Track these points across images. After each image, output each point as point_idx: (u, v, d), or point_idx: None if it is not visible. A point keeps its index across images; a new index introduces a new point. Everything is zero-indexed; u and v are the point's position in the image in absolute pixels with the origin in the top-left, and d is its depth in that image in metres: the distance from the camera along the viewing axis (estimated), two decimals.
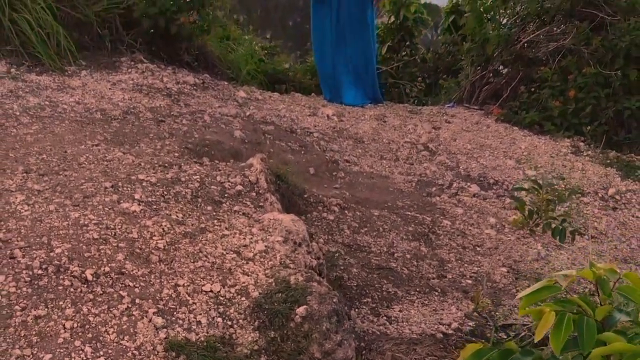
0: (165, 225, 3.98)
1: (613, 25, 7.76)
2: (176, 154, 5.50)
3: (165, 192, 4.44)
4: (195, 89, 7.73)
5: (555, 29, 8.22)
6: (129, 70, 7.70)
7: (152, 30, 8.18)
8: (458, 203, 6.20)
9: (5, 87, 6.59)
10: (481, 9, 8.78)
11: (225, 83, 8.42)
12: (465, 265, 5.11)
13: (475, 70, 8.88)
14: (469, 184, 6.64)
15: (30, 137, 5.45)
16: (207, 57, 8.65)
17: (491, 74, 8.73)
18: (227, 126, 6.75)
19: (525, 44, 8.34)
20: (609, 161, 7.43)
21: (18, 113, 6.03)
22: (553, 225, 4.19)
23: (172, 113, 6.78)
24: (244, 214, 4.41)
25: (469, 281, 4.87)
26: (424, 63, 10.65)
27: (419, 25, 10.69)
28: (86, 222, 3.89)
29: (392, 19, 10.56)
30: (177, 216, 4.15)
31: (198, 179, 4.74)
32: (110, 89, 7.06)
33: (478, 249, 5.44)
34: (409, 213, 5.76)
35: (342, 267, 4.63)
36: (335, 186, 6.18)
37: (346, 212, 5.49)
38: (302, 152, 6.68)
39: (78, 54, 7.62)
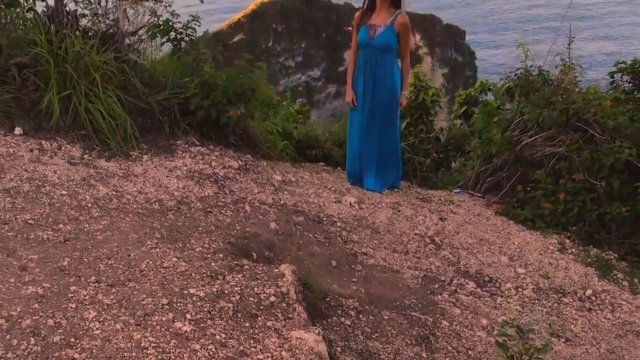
0: (211, 349, 4.35)
1: (601, 143, 8.07)
2: (221, 255, 5.86)
3: (211, 308, 4.82)
4: (238, 173, 8.09)
5: (552, 135, 8.52)
6: (184, 154, 8.08)
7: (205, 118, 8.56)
8: (456, 302, 6.52)
9: (79, 174, 7.00)
10: (490, 112, 9.15)
11: (264, 164, 8.76)
12: None
13: (480, 163, 9.23)
14: (467, 280, 6.95)
15: (100, 235, 5.85)
16: (249, 137, 9.00)
17: (494, 168, 9.07)
18: (264, 217, 7.12)
19: (525, 146, 8.66)
20: (589, 260, 7.72)
21: (90, 205, 6.43)
22: None
23: (218, 203, 7.15)
24: (275, 330, 4.78)
25: None
26: (438, 141, 11.00)
27: (435, 107, 11.07)
28: (146, 345, 4.27)
29: (413, 98, 10.89)
30: (220, 337, 4.52)
31: (239, 291, 5.12)
32: (167, 176, 7.45)
33: (470, 352, 5.77)
34: (414, 314, 6.10)
35: None
36: (353, 280, 6.52)
37: (361, 316, 5.83)
38: (327, 244, 7.02)
39: (141, 138, 8.01)
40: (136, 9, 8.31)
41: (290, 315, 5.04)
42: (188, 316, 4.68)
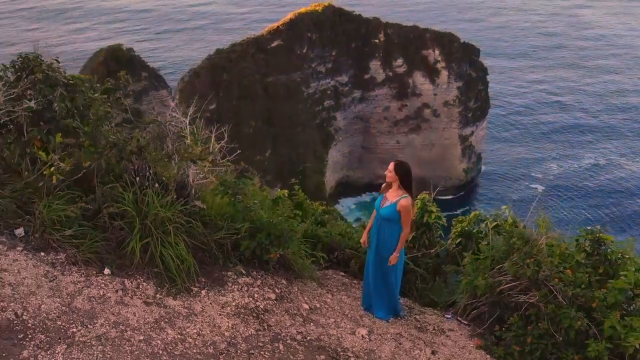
0: None
1: (562, 306, 9.02)
2: None
3: None
4: (275, 304, 9.12)
5: (525, 287, 9.47)
6: (233, 286, 9.12)
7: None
8: None
9: (152, 315, 8.07)
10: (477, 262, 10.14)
11: (296, 289, 9.79)
12: None
13: (468, 297, 10.20)
14: None
15: None
16: (286, 262, 10.02)
17: (478, 303, 10.05)
18: (294, 356, 8.18)
19: (503, 290, 9.62)
20: None
21: (161, 351, 7.51)
22: None
23: (258, 343, 8.20)
24: None
25: None
26: (437, 257, 11.91)
27: (437, 225, 11.98)
28: None
29: (419, 217, 11.82)
30: None
31: None
32: (219, 314, 8.50)
33: None
34: None
35: None
36: None
37: None
38: None
39: (200, 270, 9.08)
40: (203, 169, 9.36)
41: None
42: None
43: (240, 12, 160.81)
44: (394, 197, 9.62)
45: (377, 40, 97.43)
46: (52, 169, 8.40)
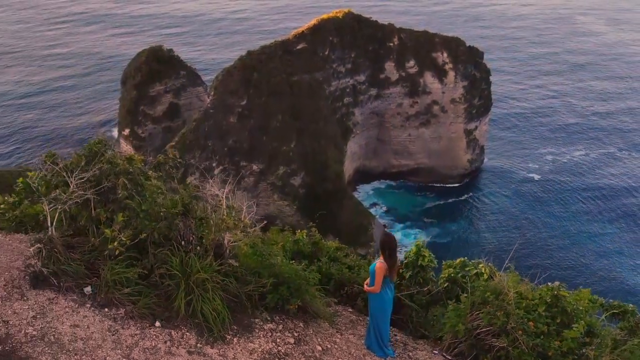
0: None
1: (524, 353, 9.96)
2: None
3: None
4: (294, 347, 10.08)
5: (497, 332, 10.41)
6: (259, 332, 10.09)
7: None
8: None
9: None
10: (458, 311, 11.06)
11: (311, 331, 10.73)
12: None
13: (451, 337, 11.12)
14: None
15: None
16: (306, 308, 10.96)
17: (459, 341, 10.99)
18: None
19: (479, 335, 10.56)
20: None
21: None
22: None
23: None
24: None
25: None
26: (430, 295, 12.77)
27: (430, 267, 12.84)
28: None
29: (414, 259, 12.70)
30: None
31: None
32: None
33: None
34: None
35: None
36: None
37: None
38: None
39: (232, 319, 10.07)
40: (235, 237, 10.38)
41: None
42: None
43: (269, 18, 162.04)
44: (377, 259, 10.66)
45: (391, 44, 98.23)
46: (115, 243, 9.44)
